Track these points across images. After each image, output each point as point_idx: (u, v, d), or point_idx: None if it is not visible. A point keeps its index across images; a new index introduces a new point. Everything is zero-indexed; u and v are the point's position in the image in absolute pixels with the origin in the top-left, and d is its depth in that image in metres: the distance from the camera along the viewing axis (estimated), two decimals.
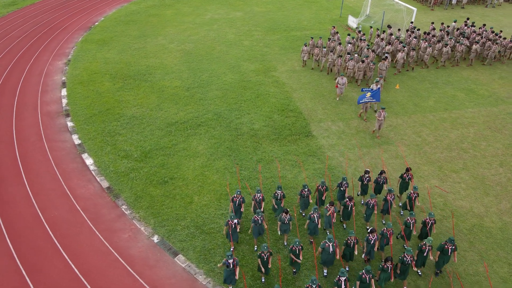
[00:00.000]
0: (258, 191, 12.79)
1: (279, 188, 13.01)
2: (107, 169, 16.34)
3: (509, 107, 20.65)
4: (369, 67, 21.87)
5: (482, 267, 12.02)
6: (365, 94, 18.03)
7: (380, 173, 13.77)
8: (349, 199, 12.69)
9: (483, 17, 34.62)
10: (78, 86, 23.00)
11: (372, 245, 11.58)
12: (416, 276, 11.83)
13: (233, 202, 12.88)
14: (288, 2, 39.47)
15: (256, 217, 11.96)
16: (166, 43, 29.07)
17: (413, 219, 12.18)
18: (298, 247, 11.13)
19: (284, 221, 12.27)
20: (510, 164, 16.41)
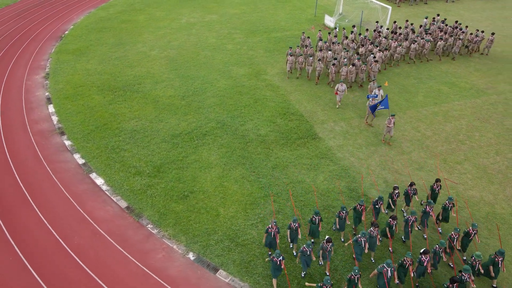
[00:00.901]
0: (294, 220, 12.29)
1: (317, 214, 12.56)
2: (121, 188, 15.82)
3: (490, 98, 22.22)
4: (361, 69, 22.56)
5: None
6: (376, 105, 18.32)
7: (410, 184, 13.86)
8: (393, 218, 12.52)
9: (445, 11, 36.74)
10: (66, 101, 21.92)
11: (425, 266, 11.31)
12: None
13: (268, 233, 12.22)
14: (261, 2, 39.69)
15: (304, 247, 11.45)
16: (147, 50, 28.33)
17: (457, 234, 12.14)
18: (357, 276, 10.75)
19: (327, 249, 11.78)
20: (504, 152, 17.75)
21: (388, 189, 15.60)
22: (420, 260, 11.33)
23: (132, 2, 39.81)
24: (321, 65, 22.94)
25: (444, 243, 11.61)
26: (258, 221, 14.24)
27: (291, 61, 23.78)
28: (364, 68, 22.44)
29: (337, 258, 12.82)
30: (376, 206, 13.34)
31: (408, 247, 13.21)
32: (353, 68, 21.79)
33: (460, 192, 15.49)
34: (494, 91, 22.92)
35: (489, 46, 27.09)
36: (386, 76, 24.39)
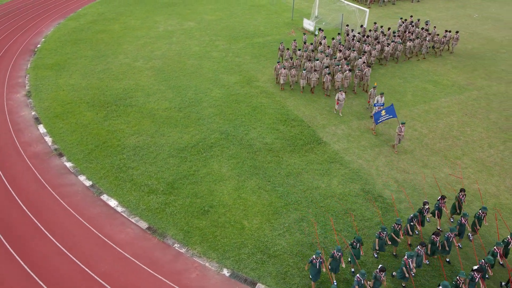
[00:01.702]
0: (338, 249, 11.95)
1: (359, 240, 12.33)
2: (137, 208, 15.40)
3: (472, 94, 23.67)
4: (355, 74, 23.05)
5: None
6: (380, 112, 18.62)
7: (442, 198, 13.96)
8: (436, 235, 12.59)
9: (413, 11, 38.55)
10: (56, 120, 20.95)
11: (477, 283, 11.29)
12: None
13: (313, 264, 11.87)
14: (235, 8, 39.74)
15: (358, 277, 11.29)
16: (131, 62, 27.61)
17: (500, 249, 12.15)
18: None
19: (380, 278, 11.43)
20: (497, 145, 19.01)
21: (399, 189, 16.26)
22: (472, 277, 11.25)
23: (102, 11, 38.51)
24: (316, 75, 22.79)
25: (491, 259, 11.59)
26: (285, 230, 14.39)
27: (285, 75, 23.04)
28: (359, 74, 22.76)
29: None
30: (411, 223, 13.31)
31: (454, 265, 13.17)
32: (349, 73, 22.31)
33: (466, 186, 16.44)
34: (474, 87, 24.42)
35: (454, 44, 28.62)
36: (372, 77, 25.26)
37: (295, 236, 14.14)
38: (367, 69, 22.54)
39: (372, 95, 20.59)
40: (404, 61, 27.37)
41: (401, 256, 13.42)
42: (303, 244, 13.85)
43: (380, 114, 18.64)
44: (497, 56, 28.72)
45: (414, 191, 16.17)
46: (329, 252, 13.44)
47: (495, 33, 33.23)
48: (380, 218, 14.78)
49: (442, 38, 28.17)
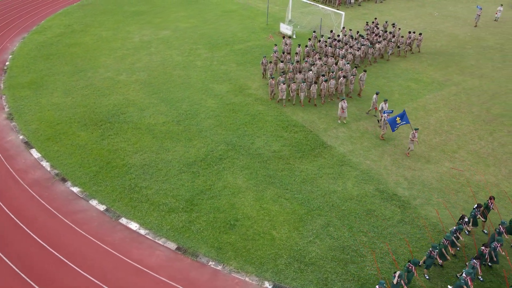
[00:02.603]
0: (400, 275, 11.73)
1: (415, 263, 12.05)
2: (161, 228, 15.05)
3: (451, 89, 25.29)
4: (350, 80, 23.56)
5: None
6: (395, 119, 18.87)
7: (478, 206, 14.32)
8: (486, 246, 12.72)
9: (379, 12, 40.33)
10: (49, 143, 19.87)
11: None
12: None
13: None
14: (207, 14, 39.48)
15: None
16: (114, 76, 26.70)
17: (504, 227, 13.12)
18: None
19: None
20: (485, 137, 20.50)
21: (410, 186, 17.13)
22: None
23: (67, 23, 36.75)
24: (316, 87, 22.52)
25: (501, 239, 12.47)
26: (314, 237, 14.70)
27: (284, 90, 22.21)
28: (352, 79, 23.17)
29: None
30: (455, 235, 13.42)
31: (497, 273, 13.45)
32: (343, 80, 22.90)
33: (468, 178, 17.63)
34: (451, 82, 26.10)
35: (419, 45, 29.82)
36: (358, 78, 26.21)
37: (326, 242, 14.50)
38: (363, 73, 23.30)
39: (375, 101, 21.20)
40: (374, 62, 28.25)
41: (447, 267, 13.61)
42: (335, 248, 14.23)
43: (395, 121, 18.79)
44: (464, 52, 30.82)
45: (424, 186, 17.10)
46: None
47: (457, 30, 35.60)
48: (431, 237, 15.19)
49: (407, 39, 29.47)
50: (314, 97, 22.91)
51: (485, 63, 28.86)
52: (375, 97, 21.32)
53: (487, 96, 24.36)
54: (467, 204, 16.19)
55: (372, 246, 14.32)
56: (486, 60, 29.31)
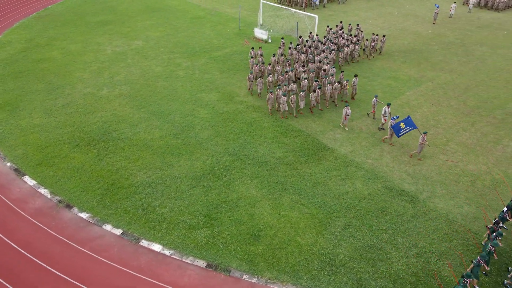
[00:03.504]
0: None
1: (469, 276, 12.15)
2: (186, 247, 14.80)
3: (428, 85, 26.88)
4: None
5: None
6: (399, 125, 19.25)
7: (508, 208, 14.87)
8: None
9: (344, 13, 41.84)
10: (42, 168, 18.78)
11: None
12: None
13: None
14: (176, 21, 38.86)
15: None
16: (94, 91, 25.64)
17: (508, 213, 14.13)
18: None
19: None
20: (468, 128, 22.06)
21: (414, 181, 18.10)
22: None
23: (29, 37, 34.64)
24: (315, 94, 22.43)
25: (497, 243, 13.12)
26: (338, 239, 15.15)
27: (285, 102, 21.89)
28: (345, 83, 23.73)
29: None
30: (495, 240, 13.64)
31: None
32: (338, 85, 23.46)
33: (463, 168, 18.93)
34: (426, 78, 27.75)
35: (382, 47, 30.94)
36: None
37: (350, 243, 15.00)
38: (355, 78, 24.03)
39: (375, 104, 21.88)
40: (342, 65, 28.92)
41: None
42: (361, 248, 14.77)
43: (400, 127, 19.20)
44: (430, 49, 32.83)
45: (427, 180, 18.15)
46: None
47: (419, 27, 37.80)
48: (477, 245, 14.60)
49: (371, 42, 30.15)
50: (314, 105, 22.98)
51: (451, 58, 30.94)
52: (375, 100, 21.93)
53: (460, 90, 26.18)
54: (467, 193, 17.40)
55: (394, 242, 15.02)
56: (452, 56, 31.43)
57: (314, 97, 22.52)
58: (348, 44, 29.19)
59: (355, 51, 29.21)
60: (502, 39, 35.02)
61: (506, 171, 18.77)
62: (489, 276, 13.78)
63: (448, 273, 13.87)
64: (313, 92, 22.41)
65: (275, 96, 22.54)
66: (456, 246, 14.88)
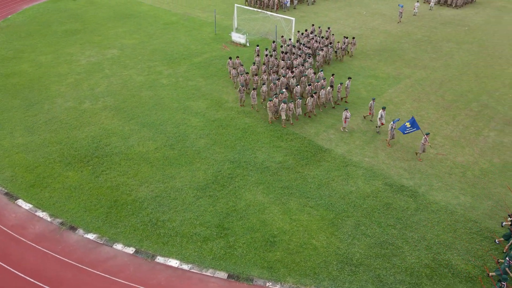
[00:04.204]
0: None
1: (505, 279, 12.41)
2: (204, 260, 14.67)
3: (406, 82, 28.10)
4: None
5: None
6: (405, 125, 19.81)
7: None
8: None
9: (315, 14, 42.72)
10: (36, 190, 17.90)
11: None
12: None
13: None
14: (148, 28, 38.07)
15: None
16: (76, 105, 24.68)
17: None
18: None
19: None
20: (450, 121, 23.32)
21: (411, 176, 18.93)
22: None
23: None
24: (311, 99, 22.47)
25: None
26: (352, 238, 15.60)
27: (285, 109, 21.77)
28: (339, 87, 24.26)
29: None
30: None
31: None
32: (330, 89, 23.75)
33: (452, 160, 20.03)
34: (403, 75, 28.99)
35: (352, 49, 31.51)
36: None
37: (363, 241, 15.49)
38: (348, 81, 24.38)
39: (372, 107, 22.36)
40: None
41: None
42: (374, 245, 15.30)
43: (406, 126, 19.83)
44: (401, 47, 34.30)
45: (422, 174, 19.04)
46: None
47: (388, 26, 39.35)
48: None
49: (342, 45, 30.63)
50: (311, 110, 23.09)
51: (422, 55, 32.50)
52: (372, 103, 22.36)
53: (436, 85, 27.60)
54: (461, 184, 18.44)
55: (403, 237, 15.68)
56: (422, 52, 33.02)
57: (311, 102, 22.68)
58: (322, 48, 29.58)
59: (329, 54, 29.55)
60: (464, 34, 37.22)
61: (492, 160, 20.06)
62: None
63: (459, 262, 14.67)
64: (311, 97, 22.57)
65: (273, 105, 22.22)
66: (460, 235, 15.77)
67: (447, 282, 13.93)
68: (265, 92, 23.80)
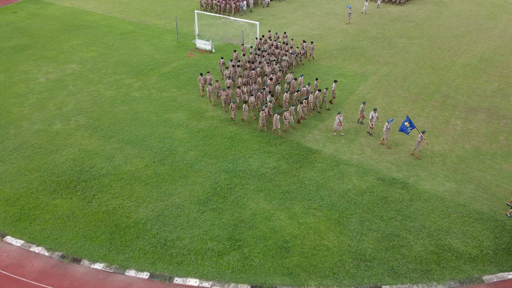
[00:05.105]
0: None
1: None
2: (224, 275, 14.54)
3: (373, 79, 29.58)
4: None
5: None
6: (405, 123, 20.42)
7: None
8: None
9: (272, 16, 43.40)
10: (24, 223, 16.63)
11: None
12: None
13: None
14: (104, 39, 36.49)
15: None
16: (46, 127, 23.17)
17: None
18: None
19: None
20: (420, 113, 24.94)
21: (399, 169, 20.05)
22: None
23: None
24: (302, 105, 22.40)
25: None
26: (360, 234, 16.26)
27: (277, 119, 21.52)
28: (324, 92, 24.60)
29: None
30: None
31: None
32: (318, 93, 24.15)
33: (431, 150, 21.48)
34: (369, 72, 30.48)
35: (311, 53, 31.83)
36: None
37: (371, 236, 16.22)
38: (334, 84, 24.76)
39: (363, 110, 22.94)
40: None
41: None
42: (382, 239, 16.08)
43: (406, 126, 20.54)
44: (361, 45, 35.97)
45: (408, 166, 20.25)
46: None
47: (343, 25, 41.02)
48: None
49: (301, 50, 31.07)
50: (302, 116, 23.37)
51: (381, 52, 34.35)
52: (363, 106, 22.95)
53: (400, 80, 29.36)
54: (443, 171, 19.87)
55: (405, 227, 16.63)
56: (381, 49, 34.89)
57: (302, 108, 22.92)
58: (285, 53, 29.67)
59: (291, 60, 29.57)
60: (413, 30, 39.85)
61: (464, 146, 21.83)
62: None
63: (459, 244, 15.87)
64: (300, 104, 22.85)
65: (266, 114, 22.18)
66: (454, 220, 17.04)
67: (453, 265, 15.03)
68: (253, 102, 23.62)
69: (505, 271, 14.83)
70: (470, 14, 44.92)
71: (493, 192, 18.55)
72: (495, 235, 16.30)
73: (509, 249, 15.62)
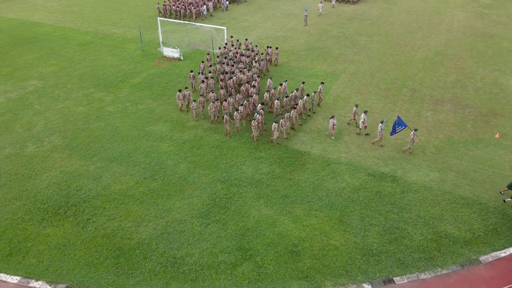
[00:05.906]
0: None
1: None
2: (241, 286, 14.47)
3: (343, 77, 30.62)
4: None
5: None
6: (395, 125, 20.99)
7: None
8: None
9: (234, 19, 43.43)
10: (17, 258, 15.49)
11: None
12: None
13: None
14: (64, 51, 34.66)
15: None
16: (18, 151, 21.70)
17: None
18: None
19: None
20: (393, 108, 26.22)
21: (386, 163, 21.01)
22: None
23: None
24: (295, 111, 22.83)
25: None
26: (363, 231, 16.88)
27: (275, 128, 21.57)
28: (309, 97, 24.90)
29: None
30: None
31: None
32: (306, 97, 24.26)
33: (421, 144, 22.72)
34: (339, 71, 31.52)
35: (277, 59, 31.93)
36: (263, 84, 28.73)
37: (373, 231, 16.90)
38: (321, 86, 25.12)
39: (356, 112, 23.35)
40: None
41: None
42: (384, 233, 16.81)
43: (395, 128, 21.18)
44: (325, 44, 37.03)
45: (394, 160, 21.26)
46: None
47: (304, 26, 42.00)
48: None
49: (267, 55, 31.15)
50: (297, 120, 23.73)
51: (345, 50, 35.63)
52: (355, 109, 23.44)
53: (369, 77, 30.68)
54: (425, 162, 21.10)
55: (403, 219, 17.51)
56: (345, 48, 36.19)
57: (294, 113, 23.11)
58: (253, 59, 29.59)
59: (261, 66, 29.69)
60: (370, 27, 41.73)
61: (438, 137, 23.31)
62: None
63: (453, 230, 16.98)
64: (293, 109, 23.08)
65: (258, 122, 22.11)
66: (444, 207, 18.20)
67: (452, 250, 16.08)
68: (242, 112, 23.35)
69: (497, 250, 16.10)
70: (418, 10, 47.82)
71: (472, 177, 20.01)
72: (482, 217, 17.62)
73: (497, 229, 16.98)
